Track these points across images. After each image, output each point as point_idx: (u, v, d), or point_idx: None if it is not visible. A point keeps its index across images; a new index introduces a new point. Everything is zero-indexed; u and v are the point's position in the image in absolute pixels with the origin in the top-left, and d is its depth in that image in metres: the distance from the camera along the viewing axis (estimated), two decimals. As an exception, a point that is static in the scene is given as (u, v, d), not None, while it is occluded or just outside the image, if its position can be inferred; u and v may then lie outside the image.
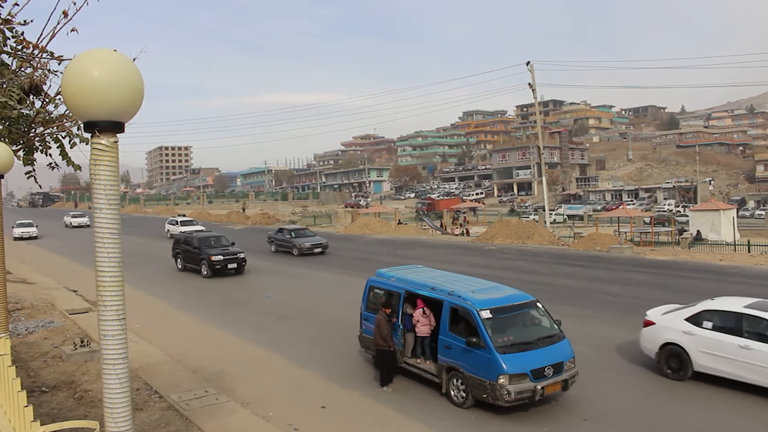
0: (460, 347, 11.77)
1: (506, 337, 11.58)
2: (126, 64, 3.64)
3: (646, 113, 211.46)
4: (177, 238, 32.90)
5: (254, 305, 22.27)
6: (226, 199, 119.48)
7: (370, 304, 14.61)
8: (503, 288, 13.40)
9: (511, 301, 12.41)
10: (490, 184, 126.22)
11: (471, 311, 11.73)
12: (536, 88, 46.82)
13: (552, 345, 11.85)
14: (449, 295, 12.48)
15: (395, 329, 13.29)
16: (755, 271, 26.61)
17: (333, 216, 75.23)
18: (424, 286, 13.33)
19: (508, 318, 12.07)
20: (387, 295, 14.05)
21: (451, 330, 12.15)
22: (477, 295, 12.29)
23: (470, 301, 11.99)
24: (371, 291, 14.72)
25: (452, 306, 12.24)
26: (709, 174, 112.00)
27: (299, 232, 39.15)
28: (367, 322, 14.41)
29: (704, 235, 43.29)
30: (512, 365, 11.07)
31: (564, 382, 11.57)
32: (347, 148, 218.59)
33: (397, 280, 14.16)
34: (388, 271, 15.00)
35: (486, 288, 13.18)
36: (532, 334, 12.09)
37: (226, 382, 13.59)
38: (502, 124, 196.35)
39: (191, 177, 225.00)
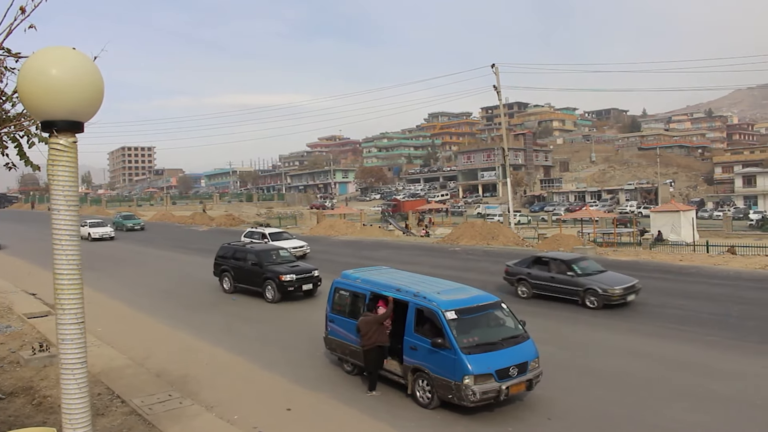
0: (425, 348, 11.74)
1: (471, 337, 11.58)
2: (85, 62, 3.56)
3: (609, 116, 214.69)
4: (223, 251, 25.61)
5: (219, 307, 22.05)
6: (191, 200, 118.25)
7: (335, 305, 14.42)
8: (468, 289, 13.39)
9: (476, 302, 12.41)
10: (455, 185, 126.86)
11: (436, 312, 11.71)
12: (501, 90, 47.19)
13: (516, 345, 11.91)
14: (414, 296, 12.45)
15: None
16: (713, 271, 27.13)
17: (298, 217, 74.96)
18: (390, 287, 13.23)
19: (473, 319, 12.06)
20: (352, 296, 13.93)
21: (416, 331, 12.10)
22: (442, 296, 12.27)
23: (435, 302, 11.97)
24: (336, 292, 14.52)
25: (417, 307, 12.19)
26: (669, 176, 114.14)
27: None
28: (332, 324, 14.28)
29: (665, 236, 44.05)
30: (477, 366, 11.08)
31: (528, 382, 11.64)
32: (313, 150, 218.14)
33: (362, 282, 14.04)
34: (354, 273, 14.88)
35: (451, 289, 13.14)
36: (497, 335, 12.10)
37: (190, 385, 13.42)
38: (467, 126, 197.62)
39: (155, 178, 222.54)
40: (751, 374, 13.51)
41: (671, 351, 15.38)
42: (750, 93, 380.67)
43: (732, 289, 23.09)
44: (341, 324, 14.01)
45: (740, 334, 17.00)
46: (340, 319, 14.05)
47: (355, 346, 13.27)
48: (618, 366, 14.33)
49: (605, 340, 16.75)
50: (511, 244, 38.97)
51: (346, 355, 13.85)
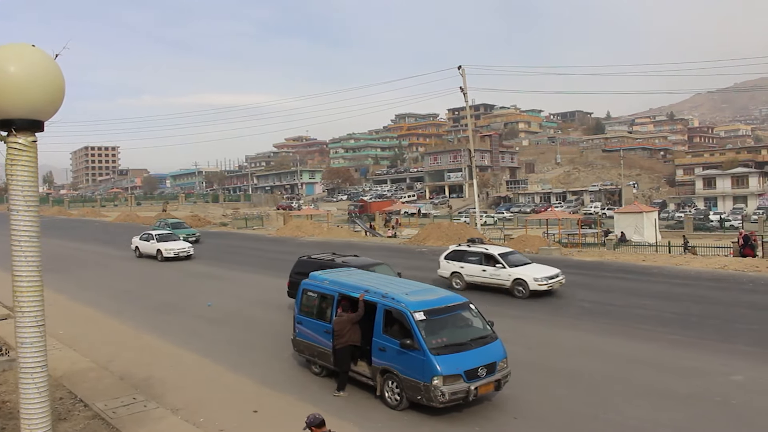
0: (394, 349, 11.72)
1: (440, 338, 11.57)
2: (45, 60, 3.48)
3: (574, 118, 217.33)
4: (301, 266, 20.12)
5: (184, 309, 21.81)
6: (156, 200, 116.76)
7: (303, 307, 14.30)
8: (436, 290, 13.41)
9: (444, 303, 12.41)
10: (422, 186, 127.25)
11: (405, 313, 11.70)
12: (468, 92, 47.39)
13: (485, 346, 11.93)
14: (383, 298, 12.40)
15: (330, 332, 13.05)
16: (675, 271, 27.59)
17: (265, 218, 74.50)
18: (358, 289, 13.14)
19: (442, 319, 12.06)
20: (320, 298, 13.86)
21: (385, 332, 12.09)
22: (410, 297, 12.25)
23: (404, 303, 11.96)
24: (305, 294, 14.40)
25: (386, 308, 12.16)
26: (632, 177, 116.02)
27: None
28: (300, 326, 14.17)
29: (628, 237, 44.66)
30: (446, 366, 11.08)
31: (497, 382, 11.70)
32: (279, 150, 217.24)
33: (330, 283, 13.95)
34: (322, 274, 14.80)
35: (419, 290, 13.13)
36: (466, 335, 12.09)
37: (155, 388, 13.25)
38: (434, 127, 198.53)
39: (119, 178, 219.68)
40: (712, 372, 13.76)
41: (634, 350, 15.59)
42: (710, 97, 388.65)
43: (692, 288, 23.51)
44: (309, 326, 13.88)
45: (701, 332, 17.30)
46: (308, 320, 13.93)
47: (324, 347, 13.18)
48: (582, 365, 14.48)
49: (569, 338, 16.92)
50: (477, 244, 39.14)
51: (315, 356, 13.72)
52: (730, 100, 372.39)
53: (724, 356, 14.92)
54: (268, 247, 42.38)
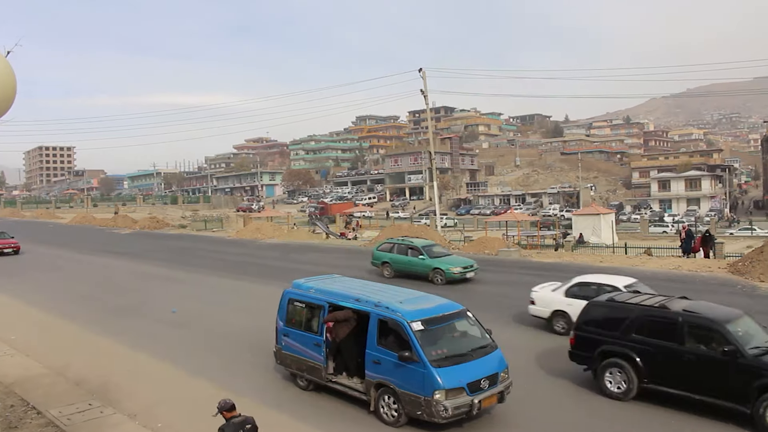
0: (390, 362, 11.06)
1: (440, 349, 11.00)
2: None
3: (533, 121, 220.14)
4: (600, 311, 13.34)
5: (143, 313, 21.46)
6: (113, 202, 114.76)
7: (289, 317, 13.47)
8: (431, 297, 12.86)
9: (441, 311, 11.82)
10: (383, 188, 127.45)
11: (401, 323, 11.07)
12: (428, 94, 47.56)
13: (486, 356, 11.38)
14: (376, 307, 11.75)
15: (320, 345, 12.53)
16: (632, 272, 27.98)
17: (224, 220, 73.79)
18: (348, 298, 12.50)
19: (440, 329, 11.50)
20: (308, 308, 13.09)
21: (379, 344, 11.39)
22: (406, 306, 11.64)
23: (400, 312, 11.32)
24: (290, 304, 13.52)
25: (380, 318, 11.49)
26: (590, 180, 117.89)
27: None
28: (287, 338, 13.36)
29: (586, 238, 45.34)
30: (448, 379, 10.52)
31: (500, 394, 11.22)
32: (239, 151, 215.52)
33: (317, 292, 13.20)
34: (306, 282, 14.00)
35: (413, 298, 12.52)
36: (466, 346, 11.54)
37: (112, 393, 13.02)
38: (395, 130, 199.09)
39: (74, 179, 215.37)
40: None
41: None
42: (664, 101, 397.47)
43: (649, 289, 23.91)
44: (297, 338, 13.13)
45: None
46: (295, 333, 13.18)
47: (314, 361, 12.60)
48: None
49: (531, 339, 17.05)
50: (438, 246, 39.31)
51: (303, 371, 13.02)
52: (684, 104, 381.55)
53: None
54: (228, 249, 41.97)
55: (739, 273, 25.37)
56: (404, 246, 27.42)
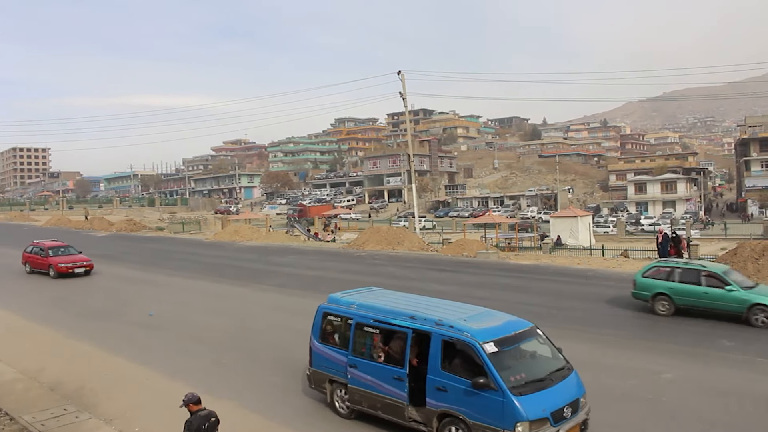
0: (459, 389, 9.78)
1: (517, 374, 9.76)
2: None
3: (511, 124, 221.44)
4: None
5: (120, 316, 21.25)
6: (89, 204, 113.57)
7: (325, 334, 12.30)
8: (496, 313, 11.43)
9: (512, 330, 10.50)
10: (362, 191, 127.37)
11: (472, 345, 9.76)
12: (407, 97, 47.71)
13: (565, 380, 10.18)
14: (438, 326, 10.35)
15: (401, 378, 10.61)
16: (608, 274, 28.27)
17: (202, 222, 73.39)
18: (400, 315, 11.04)
19: (514, 351, 10.29)
20: (348, 325, 11.77)
21: (444, 368, 10.05)
22: (472, 324, 10.29)
23: (468, 332, 9.99)
24: (325, 319, 12.32)
25: (445, 339, 10.13)
26: (568, 182, 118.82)
27: None
28: (355, 370, 11.53)
29: (563, 241, 45.64)
30: (531, 409, 9.30)
31: (583, 423, 10.08)
32: (217, 153, 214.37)
33: (360, 308, 11.81)
34: (344, 296, 12.67)
35: (477, 314, 11.06)
36: (542, 369, 10.31)
37: (87, 398, 12.88)
38: (374, 132, 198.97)
39: (50, 181, 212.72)
40: (643, 370, 14.16)
41: (570, 350, 15.88)
42: (641, 105, 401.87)
43: (624, 290, 24.09)
44: (369, 370, 11.19)
45: (633, 333, 17.83)
46: (367, 364, 11.25)
47: (394, 399, 10.74)
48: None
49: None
50: (416, 249, 39.42)
51: (378, 409, 11.15)
52: (660, 108, 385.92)
53: (655, 354, 15.39)
54: (206, 252, 41.73)
55: (714, 275, 25.63)
56: (694, 271, 19.56)
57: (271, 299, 24.13)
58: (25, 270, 31.66)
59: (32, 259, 31.47)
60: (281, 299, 24.13)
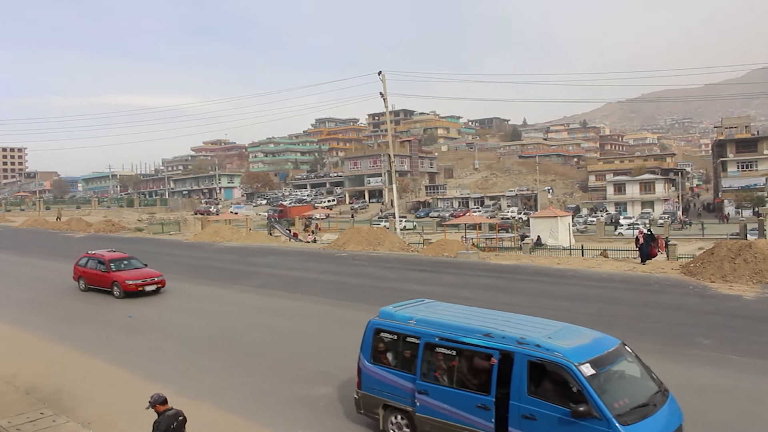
0: (553, 418, 8.72)
1: (620, 399, 8.66)
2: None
3: (492, 125, 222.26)
4: None
5: (97, 318, 21.07)
6: (66, 205, 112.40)
7: (377, 354, 10.94)
8: (578, 329, 10.24)
9: (604, 348, 9.40)
10: (342, 191, 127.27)
11: (567, 367, 8.66)
12: (388, 97, 47.72)
13: (666, 404, 9.14)
14: (521, 344, 9.22)
15: (487, 407, 9.38)
16: (588, 273, 28.46)
17: (182, 223, 72.92)
18: (473, 332, 9.80)
19: (610, 373, 9.14)
20: (409, 344, 10.48)
21: (531, 393, 8.97)
22: (559, 342, 9.20)
23: (559, 351, 8.89)
24: (377, 337, 10.98)
25: (532, 360, 9.01)
26: (548, 183, 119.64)
27: None
28: (425, 397, 10.12)
29: (544, 241, 45.90)
30: None
31: None
32: (197, 154, 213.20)
33: (420, 323, 10.50)
34: (399, 311, 11.27)
35: (559, 331, 9.93)
36: (641, 392, 9.20)
37: (65, 401, 12.74)
38: (354, 132, 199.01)
39: (26, 181, 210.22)
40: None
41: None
42: (620, 106, 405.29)
43: (604, 290, 24.31)
44: (444, 397, 9.87)
45: (612, 332, 17.81)
46: (442, 390, 9.92)
47: (476, 429, 9.52)
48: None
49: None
50: (396, 249, 39.40)
51: None
52: (639, 109, 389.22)
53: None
54: (186, 253, 41.45)
55: (691, 274, 25.93)
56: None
57: (251, 300, 24.03)
58: (79, 287, 26.75)
59: (89, 274, 26.40)
60: (261, 300, 24.03)
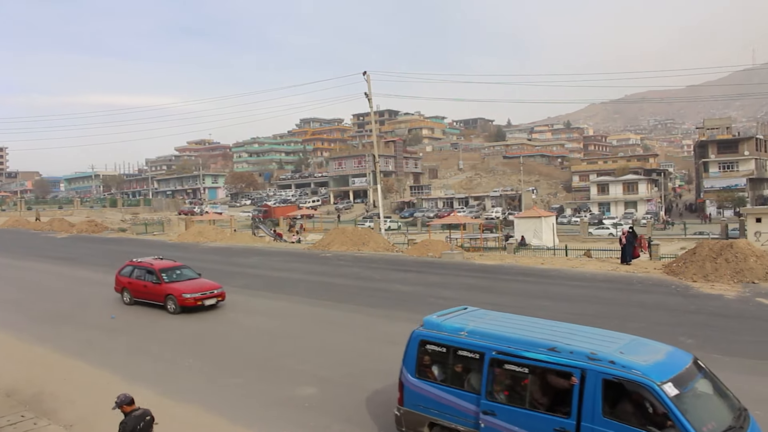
0: None
1: (707, 423, 7.80)
2: None
3: (476, 125, 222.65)
4: None
5: (79, 319, 20.89)
6: (48, 205, 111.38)
7: (423, 368, 9.99)
8: (648, 342, 9.33)
9: (682, 365, 8.53)
10: (327, 191, 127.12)
11: (648, 386, 7.80)
12: (372, 97, 47.67)
13: (751, 425, 8.29)
14: (592, 360, 8.34)
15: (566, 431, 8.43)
16: (572, 273, 28.60)
17: (166, 223, 72.50)
18: (536, 346, 8.90)
19: (692, 392, 8.27)
20: (462, 357, 9.52)
21: (606, 415, 8.10)
22: (634, 358, 8.31)
23: (637, 369, 8.01)
24: (423, 348, 10.00)
25: (607, 378, 8.13)
26: (532, 183, 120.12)
27: None
28: (490, 417, 9.17)
29: (528, 241, 46.08)
30: None
31: None
32: (181, 154, 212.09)
33: (472, 335, 9.55)
34: (446, 320, 10.20)
35: (628, 344, 8.98)
36: (725, 413, 8.29)
37: (46, 404, 12.62)
38: (339, 132, 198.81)
39: (7, 181, 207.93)
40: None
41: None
42: (603, 107, 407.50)
43: (587, 289, 24.45)
44: (515, 419, 8.91)
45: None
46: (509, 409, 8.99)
47: None
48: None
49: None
50: (381, 249, 39.40)
51: None
52: (622, 110, 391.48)
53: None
54: (169, 253, 41.01)
55: (674, 273, 26.15)
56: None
57: (235, 300, 23.92)
58: (123, 300, 23.66)
59: (136, 286, 23.25)
60: (246, 300, 23.93)
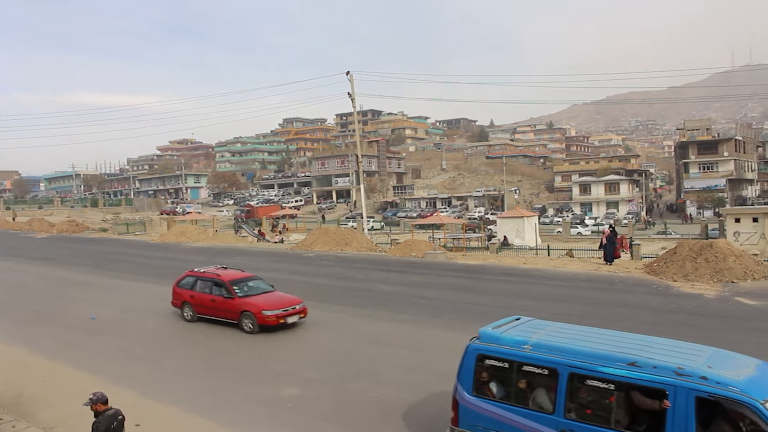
0: None
1: None
2: None
3: (459, 125, 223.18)
4: None
5: (59, 320, 20.70)
6: (28, 205, 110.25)
7: (480, 385, 9.22)
8: (731, 355, 8.66)
9: None
10: (310, 191, 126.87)
11: (751, 405, 7.09)
12: (355, 97, 47.72)
13: None
14: (680, 376, 7.64)
15: None
16: (554, 273, 28.75)
17: (148, 223, 72.01)
18: (612, 360, 8.19)
19: None
20: (527, 373, 8.80)
21: None
22: (728, 373, 7.65)
23: (735, 386, 7.33)
24: (480, 363, 9.22)
25: (701, 396, 7.43)
26: (514, 183, 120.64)
27: None
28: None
29: (510, 241, 46.22)
30: None
31: None
32: (163, 153, 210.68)
33: (537, 348, 8.79)
34: (505, 333, 9.39)
35: (713, 357, 8.26)
36: None
37: (26, 406, 12.50)
38: (322, 132, 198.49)
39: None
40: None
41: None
42: (585, 108, 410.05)
43: (570, 289, 24.59)
44: None
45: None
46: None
47: None
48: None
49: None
50: (364, 249, 39.40)
51: None
52: (604, 111, 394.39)
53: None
54: (151, 254, 40.96)
55: (655, 273, 26.38)
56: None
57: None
58: (184, 316, 20.50)
59: (201, 300, 19.96)
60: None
